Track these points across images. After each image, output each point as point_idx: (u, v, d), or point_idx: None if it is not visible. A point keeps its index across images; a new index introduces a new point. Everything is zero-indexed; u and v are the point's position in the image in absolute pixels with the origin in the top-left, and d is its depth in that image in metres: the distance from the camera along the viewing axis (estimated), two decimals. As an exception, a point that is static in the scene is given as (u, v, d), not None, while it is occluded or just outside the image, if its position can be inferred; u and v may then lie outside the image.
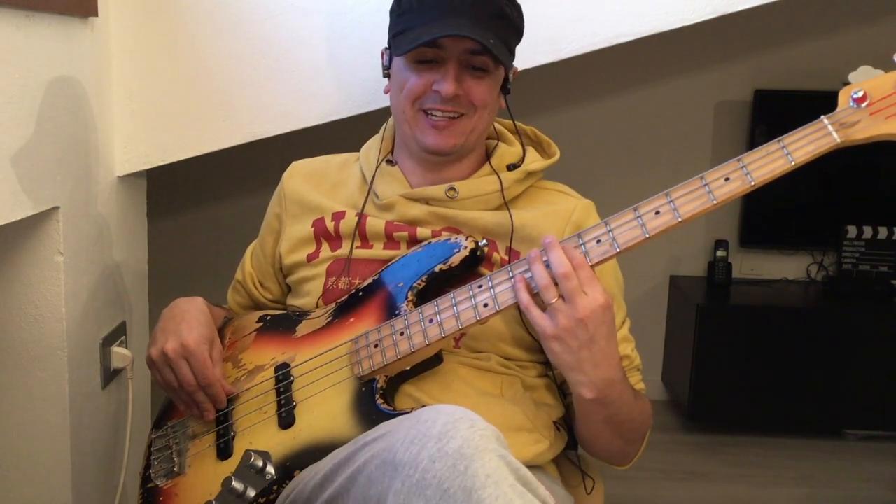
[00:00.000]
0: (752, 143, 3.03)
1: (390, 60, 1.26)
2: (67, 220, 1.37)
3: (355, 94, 1.59)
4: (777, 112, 3.01)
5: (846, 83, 1.04)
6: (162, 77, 1.57)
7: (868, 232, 2.99)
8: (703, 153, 3.15)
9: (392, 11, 1.25)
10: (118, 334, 1.60)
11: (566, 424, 1.31)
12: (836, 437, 2.94)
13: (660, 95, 3.11)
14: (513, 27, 1.23)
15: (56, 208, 1.35)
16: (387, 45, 1.27)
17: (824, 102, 1.05)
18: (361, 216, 1.27)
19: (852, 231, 3.00)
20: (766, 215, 3.12)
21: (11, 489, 1.43)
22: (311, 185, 1.34)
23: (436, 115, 1.20)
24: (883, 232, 2.99)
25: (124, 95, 1.57)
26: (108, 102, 1.55)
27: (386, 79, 1.28)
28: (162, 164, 1.61)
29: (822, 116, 1.02)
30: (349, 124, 1.63)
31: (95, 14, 1.44)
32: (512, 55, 1.24)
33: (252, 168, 2.68)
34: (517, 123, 1.35)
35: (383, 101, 1.59)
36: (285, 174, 1.38)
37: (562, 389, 1.29)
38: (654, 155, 3.14)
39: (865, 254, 3.01)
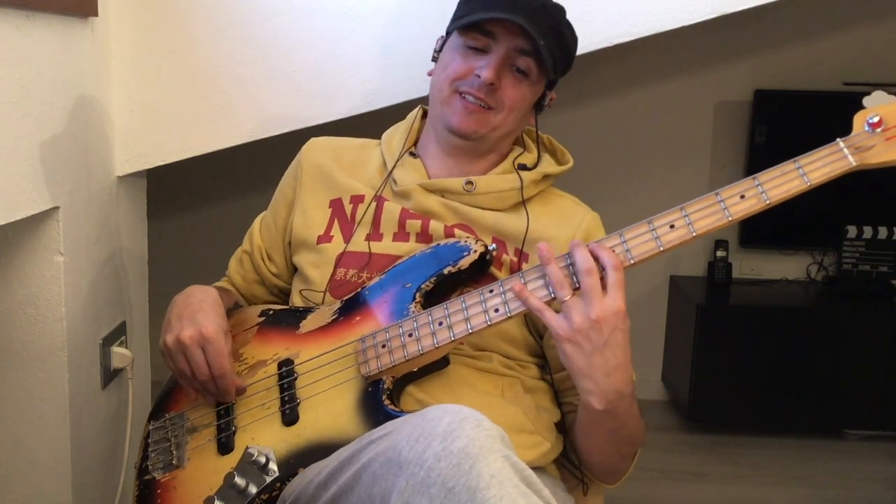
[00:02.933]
0: (752, 143, 3.03)
1: (443, 46, 1.28)
2: (67, 220, 1.37)
3: (355, 94, 1.59)
4: (777, 112, 3.01)
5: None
6: (162, 77, 1.57)
7: (868, 232, 2.99)
8: (703, 153, 3.15)
9: (459, 3, 1.27)
10: (118, 334, 1.60)
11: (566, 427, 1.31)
12: (836, 437, 2.93)
13: (660, 95, 3.11)
14: (564, 48, 1.25)
15: (56, 208, 1.35)
16: (444, 33, 1.30)
17: (824, 102, 1.06)
18: (379, 199, 1.28)
19: (852, 231, 3.00)
20: (766, 215, 3.10)
21: (11, 489, 1.43)
22: (331, 159, 1.35)
23: (469, 99, 1.22)
24: (883, 232, 2.99)
25: (124, 95, 1.57)
26: (108, 102, 1.55)
27: (433, 62, 1.30)
28: (162, 164, 1.61)
29: (839, 139, 1.03)
30: (350, 124, 1.63)
31: (95, 14, 1.44)
32: (555, 71, 1.25)
33: (252, 168, 2.68)
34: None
35: (383, 102, 1.59)
36: (304, 148, 1.37)
37: (558, 398, 1.29)
38: (655, 155, 3.14)
39: (865, 254, 3.01)
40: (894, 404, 2.84)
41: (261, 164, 2.16)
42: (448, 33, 1.28)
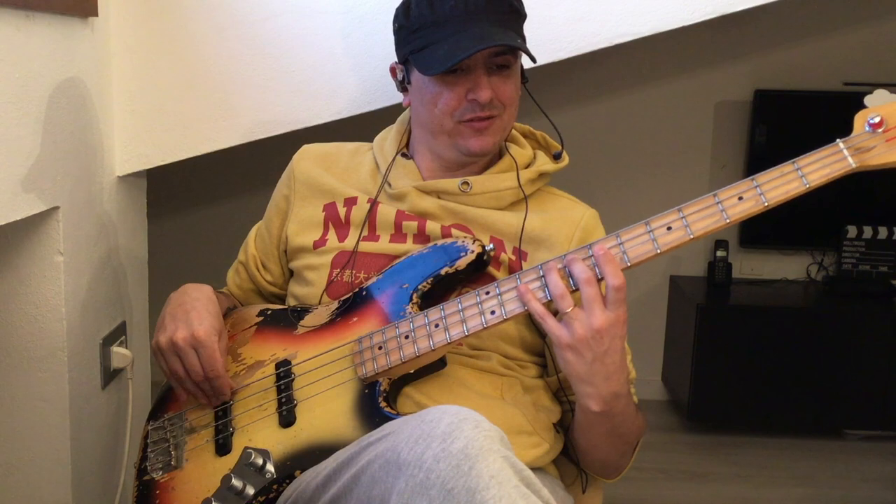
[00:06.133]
0: (753, 143, 3.03)
1: (406, 75, 1.26)
2: (67, 220, 1.37)
3: (355, 93, 1.59)
4: (777, 112, 3.00)
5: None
6: (162, 77, 1.57)
7: (868, 232, 2.99)
8: (703, 153, 3.15)
9: (401, 28, 1.24)
10: (118, 334, 1.60)
11: (564, 426, 1.31)
12: (836, 437, 2.93)
13: (660, 95, 3.11)
14: (522, 17, 1.24)
15: (56, 208, 1.35)
16: (398, 61, 1.28)
17: (824, 102, 1.05)
18: (374, 203, 1.28)
19: (852, 231, 3.00)
20: (766, 215, 3.09)
21: (11, 489, 1.43)
22: (323, 167, 1.34)
23: (474, 122, 1.21)
24: (883, 232, 2.99)
25: (124, 95, 1.57)
26: (108, 102, 1.55)
27: (402, 93, 1.29)
28: (162, 164, 1.61)
29: (838, 140, 1.01)
30: (350, 124, 1.63)
31: (95, 14, 1.44)
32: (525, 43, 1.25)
33: (252, 168, 2.68)
34: (528, 127, 1.37)
35: (383, 102, 1.59)
36: (296, 156, 1.37)
37: (557, 396, 1.29)
38: (655, 155, 3.13)
39: (865, 254, 3.01)
40: (894, 404, 2.84)
41: (261, 164, 2.16)
42: (404, 61, 1.25)
